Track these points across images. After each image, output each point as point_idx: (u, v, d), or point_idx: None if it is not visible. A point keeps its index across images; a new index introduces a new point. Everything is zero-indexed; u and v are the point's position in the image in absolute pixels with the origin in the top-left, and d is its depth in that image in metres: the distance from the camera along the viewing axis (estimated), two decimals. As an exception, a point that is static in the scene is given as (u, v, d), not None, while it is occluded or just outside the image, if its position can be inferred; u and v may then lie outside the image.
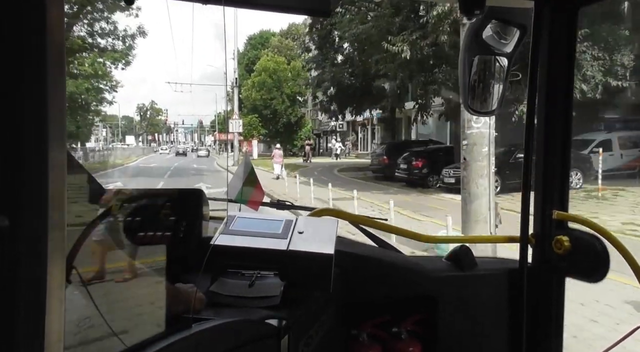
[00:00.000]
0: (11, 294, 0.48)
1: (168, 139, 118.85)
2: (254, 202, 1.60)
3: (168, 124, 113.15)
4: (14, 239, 0.47)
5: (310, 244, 1.28)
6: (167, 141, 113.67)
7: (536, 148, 1.51)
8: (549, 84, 1.48)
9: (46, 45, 0.49)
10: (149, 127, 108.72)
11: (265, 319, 1.11)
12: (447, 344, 1.63)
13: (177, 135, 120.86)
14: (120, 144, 73.74)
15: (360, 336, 1.57)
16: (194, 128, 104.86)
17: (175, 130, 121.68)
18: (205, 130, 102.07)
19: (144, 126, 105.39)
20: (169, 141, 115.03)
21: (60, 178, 0.51)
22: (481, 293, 1.65)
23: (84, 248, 0.73)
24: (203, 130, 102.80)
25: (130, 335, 0.81)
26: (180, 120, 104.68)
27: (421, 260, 1.66)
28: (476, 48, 1.41)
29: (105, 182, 11.37)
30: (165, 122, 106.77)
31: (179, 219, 1.33)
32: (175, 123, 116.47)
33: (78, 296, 0.74)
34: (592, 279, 1.46)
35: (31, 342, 0.49)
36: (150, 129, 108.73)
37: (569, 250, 1.45)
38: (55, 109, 0.50)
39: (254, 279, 1.28)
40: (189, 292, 1.06)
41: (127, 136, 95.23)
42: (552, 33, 1.45)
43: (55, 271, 0.50)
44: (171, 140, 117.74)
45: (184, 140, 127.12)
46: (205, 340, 0.96)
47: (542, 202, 1.52)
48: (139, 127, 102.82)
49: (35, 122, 0.49)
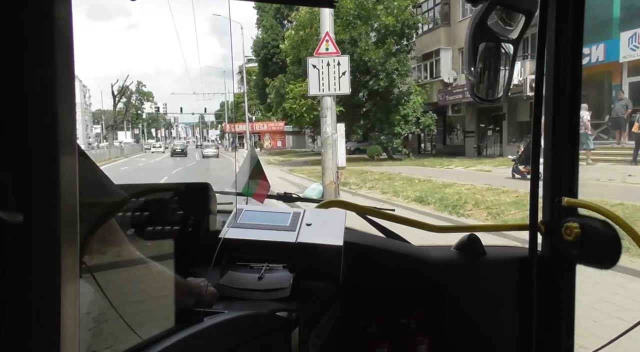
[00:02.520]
0: (27, 288, 0.48)
1: (167, 134, 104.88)
2: (260, 195, 1.60)
3: (168, 118, 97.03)
4: (29, 234, 0.47)
5: (318, 235, 1.28)
6: (161, 137, 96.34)
7: (544, 134, 1.50)
8: (556, 70, 1.46)
9: (54, 43, 0.49)
10: (134, 118, 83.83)
11: (276, 312, 1.12)
12: (456, 334, 1.63)
13: (177, 129, 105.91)
14: (119, 143, 58.22)
15: (370, 327, 1.57)
16: (197, 122, 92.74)
17: (176, 125, 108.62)
18: (207, 125, 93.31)
19: (125, 114, 76.37)
20: (169, 137, 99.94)
21: (71, 173, 0.51)
22: (490, 282, 1.64)
23: (92, 243, 0.73)
24: (205, 125, 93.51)
25: (142, 329, 0.81)
26: (178, 110, 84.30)
27: (429, 250, 1.66)
28: (481, 35, 1.39)
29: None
30: (157, 109, 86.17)
31: (187, 213, 1.33)
32: (176, 117, 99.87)
33: (89, 291, 0.74)
34: (604, 266, 1.45)
35: (47, 337, 0.49)
36: (135, 120, 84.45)
37: (579, 237, 1.44)
38: (64, 105, 0.50)
39: (263, 271, 1.28)
40: (200, 286, 1.07)
41: (118, 132, 73.25)
42: (559, 18, 1.43)
43: (68, 266, 0.50)
44: (172, 136, 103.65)
45: (184, 135, 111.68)
46: (217, 333, 0.96)
47: (551, 188, 1.51)
48: (117, 116, 70.96)
49: (45, 118, 0.49)
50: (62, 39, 0.50)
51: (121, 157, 38.68)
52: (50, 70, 0.49)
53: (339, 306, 1.43)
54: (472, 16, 1.44)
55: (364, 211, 1.70)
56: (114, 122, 69.28)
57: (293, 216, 1.34)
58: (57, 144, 0.49)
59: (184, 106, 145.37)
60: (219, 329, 0.96)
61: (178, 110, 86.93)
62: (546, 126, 1.50)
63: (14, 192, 0.47)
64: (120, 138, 69.81)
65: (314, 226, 1.31)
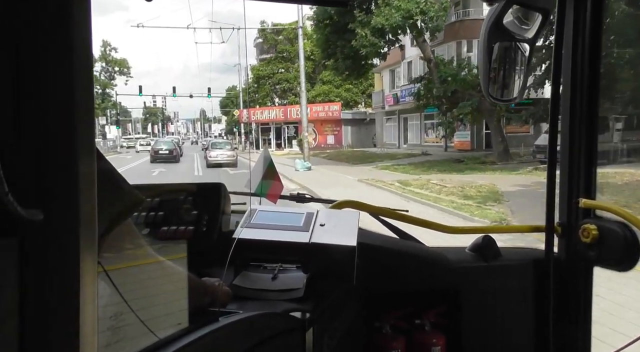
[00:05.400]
0: (46, 286, 0.48)
1: (165, 130, 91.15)
2: (273, 195, 1.60)
3: (167, 114, 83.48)
4: (48, 232, 0.48)
5: (332, 236, 1.27)
6: (158, 133, 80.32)
7: (561, 135, 1.48)
8: (573, 70, 1.45)
9: (73, 46, 0.49)
10: (103, 101, 56.25)
11: (290, 312, 1.12)
12: (471, 336, 1.62)
13: (177, 125, 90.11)
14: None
15: (384, 327, 1.56)
16: (198, 117, 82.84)
17: (176, 121, 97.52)
18: (209, 120, 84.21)
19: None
20: (167, 134, 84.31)
21: (90, 173, 0.51)
22: (506, 284, 1.62)
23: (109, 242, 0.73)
24: (207, 120, 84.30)
25: (158, 328, 0.82)
26: (178, 106, 71.75)
27: (444, 251, 1.65)
28: (496, 34, 1.38)
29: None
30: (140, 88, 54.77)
31: (201, 214, 1.34)
32: (176, 113, 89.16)
33: (105, 290, 0.75)
34: (622, 268, 1.42)
35: (66, 335, 0.49)
36: (102, 104, 55.60)
37: (596, 239, 1.42)
38: (82, 106, 0.50)
39: (277, 272, 1.28)
40: (214, 285, 1.07)
41: (108, 127, 54.05)
42: (576, 17, 1.41)
43: (87, 265, 0.50)
44: (169, 132, 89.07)
45: (184, 131, 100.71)
46: (232, 333, 0.96)
47: (568, 190, 1.49)
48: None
49: (63, 115, 0.49)
50: (81, 42, 0.50)
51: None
52: (69, 72, 0.49)
53: (353, 307, 1.43)
54: (487, 15, 1.43)
55: (377, 212, 1.69)
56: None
57: (306, 216, 1.34)
58: (76, 144, 0.50)
59: (183, 103, 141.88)
60: (234, 329, 0.96)
61: (178, 106, 74.73)
62: (563, 126, 1.48)
63: (34, 191, 0.47)
64: (113, 133, 53.12)
65: (327, 227, 1.31)
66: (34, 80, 0.48)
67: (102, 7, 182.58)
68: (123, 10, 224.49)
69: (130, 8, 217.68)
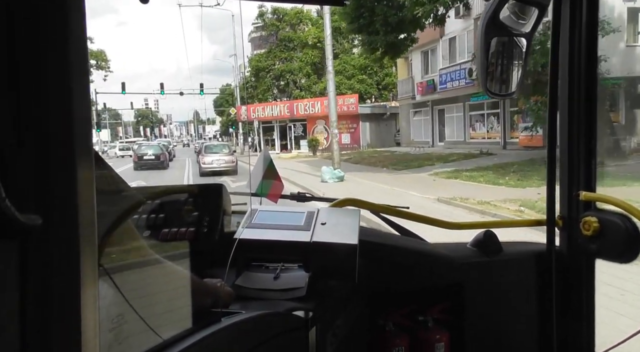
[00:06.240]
0: (47, 290, 0.48)
1: (158, 133, 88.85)
2: (274, 195, 1.60)
3: (159, 116, 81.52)
4: (48, 237, 0.48)
5: (333, 234, 1.27)
6: (150, 136, 78.81)
7: (560, 128, 1.48)
8: (570, 63, 1.45)
9: (69, 44, 0.49)
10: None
11: (292, 311, 1.12)
12: (474, 331, 1.62)
13: (170, 127, 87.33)
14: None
15: (387, 325, 1.56)
16: (192, 119, 79.27)
17: (169, 123, 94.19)
18: (202, 122, 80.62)
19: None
20: (160, 136, 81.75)
21: (89, 176, 0.51)
22: (508, 278, 1.62)
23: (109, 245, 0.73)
24: (201, 122, 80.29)
25: (161, 330, 0.82)
26: (170, 108, 68.39)
27: (445, 247, 1.65)
28: (494, 29, 1.38)
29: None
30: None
31: (201, 215, 1.34)
32: (169, 115, 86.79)
33: (107, 293, 0.75)
34: (623, 260, 1.42)
35: (68, 338, 0.49)
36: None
37: (597, 231, 1.42)
38: (80, 109, 0.51)
39: (278, 271, 1.28)
40: (217, 286, 1.07)
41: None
42: (572, 10, 1.41)
43: (87, 268, 0.51)
44: (163, 134, 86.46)
45: (178, 134, 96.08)
46: (235, 333, 0.96)
47: (568, 183, 1.49)
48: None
49: (61, 121, 0.49)
50: (77, 43, 0.50)
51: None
52: (67, 75, 0.49)
53: (356, 305, 1.43)
54: (484, 10, 1.43)
55: (378, 209, 1.69)
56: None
57: (307, 215, 1.34)
58: (74, 148, 0.50)
59: (175, 105, 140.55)
60: (237, 329, 0.97)
61: (170, 109, 72.06)
62: (562, 119, 1.48)
63: (33, 196, 0.48)
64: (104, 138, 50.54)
65: (328, 225, 1.31)
66: (31, 86, 0.48)
67: (92, 11, 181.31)
68: (113, 13, 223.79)
69: (120, 10, 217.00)
